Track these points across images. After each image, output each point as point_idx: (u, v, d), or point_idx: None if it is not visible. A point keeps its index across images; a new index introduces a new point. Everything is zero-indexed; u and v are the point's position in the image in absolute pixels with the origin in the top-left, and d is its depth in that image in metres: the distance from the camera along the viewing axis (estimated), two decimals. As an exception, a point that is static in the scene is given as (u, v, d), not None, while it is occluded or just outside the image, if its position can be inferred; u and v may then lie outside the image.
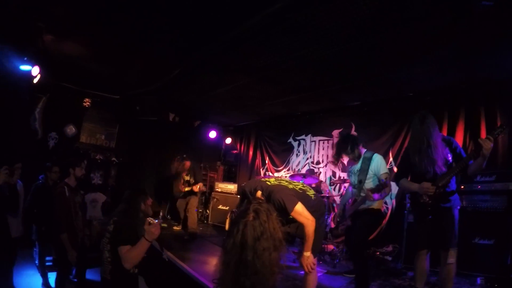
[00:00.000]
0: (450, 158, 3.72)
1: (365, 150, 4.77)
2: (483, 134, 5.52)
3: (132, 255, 2.89)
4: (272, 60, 5.38)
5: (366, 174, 4.57)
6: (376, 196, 4.29)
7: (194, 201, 7.58)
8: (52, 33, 5.07)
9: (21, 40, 5.07)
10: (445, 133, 5.98)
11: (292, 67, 5.62)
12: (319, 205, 3.69)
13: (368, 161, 4.60)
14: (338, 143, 4.73)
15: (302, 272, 3.54)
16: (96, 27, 4.85)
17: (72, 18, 4.64)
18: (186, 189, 7.70)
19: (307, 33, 4.44)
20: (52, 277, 4.63)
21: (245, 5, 3.88)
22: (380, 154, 6.78)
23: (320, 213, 3.64)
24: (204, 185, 8.87)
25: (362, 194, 4.49)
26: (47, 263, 5.08)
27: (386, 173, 4.45)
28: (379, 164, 4.53)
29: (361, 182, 4.60)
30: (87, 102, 7.85)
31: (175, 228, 8.18)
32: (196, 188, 7.59)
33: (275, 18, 4.02)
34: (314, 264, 3.35)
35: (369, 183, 4.49)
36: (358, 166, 4.67)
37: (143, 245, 2.88)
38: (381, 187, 4.16)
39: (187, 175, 7.80)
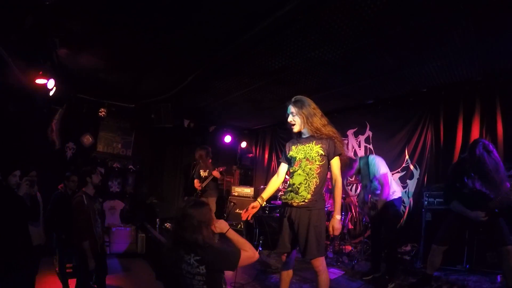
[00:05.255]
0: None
1: (358, 157, 5.34)
2: (499, 126, 5.49)
3: (247, 248, 2.64)
4: (285, 63, 5.43)
5: (369, 177, 5.06)
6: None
7: (211, 204, 7.57)
8: (67, 47, 5.21)
9: (36, 55, 5.18)
10: (460, 128, 5.96)
11: (305, 68, 5.63)
12: None
13: (366, 166, 5.08)
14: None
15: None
16: (110, 39, 4.96)
17: (86, 32, 4.75)
18: (204, 184, 7.70)
19: (318, 34, 4.48)
20: (72, 283, 4.72)
21: (256, 8, 3.95)
22: (396, 151, 6.91)
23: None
24: (221, 187, 8.84)
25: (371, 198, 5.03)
26: (67, 270, 5.18)
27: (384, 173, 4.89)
28: (376, 167, 4.99)
29: (366, 186, 5.12)
30: (102, 112, 7.97)
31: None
32: (217, 172, 7.59)
33: (285, 20, 4.08)
34: (339, 230, 3.41)
35: (374, 185, 4.98)
36: (361, 174, 5.24)
37: (235, 235, 2.72)
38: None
39: (204, 171, 7.80)
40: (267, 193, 3.78)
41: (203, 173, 7.77)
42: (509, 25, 4.07)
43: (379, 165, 4.98)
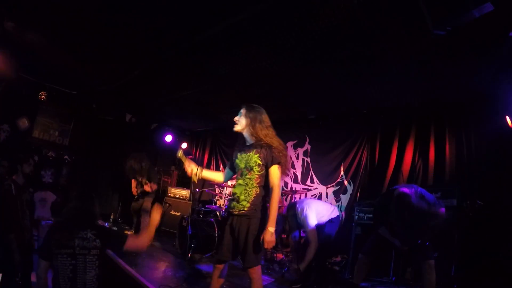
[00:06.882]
0: None
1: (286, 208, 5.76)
2: (432, 152, 5.95)
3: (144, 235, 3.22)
4: (233, 69, 5.53)
5: (296, 228, 5.66)
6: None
7: (147, 204, 7.41)
8: (14, 20, 4.85)
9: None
10: (395, 150, 6.38)
11: (252, 77, 5.77)
12: None
13: (294, 217, 5.56)
14: None
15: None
16: (60, 17, 4.67)
17: (35, 6, 4.45)
18: (139, 191, 7.55)
19: (267, 46, 4.62)
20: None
21: (210, 13, 3.99)
22: (332, 166, 7.23)
23: None
24: (158, 189, 8.64)
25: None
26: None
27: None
28: (305, 220, 5.38)
29: (295, 237, 5.71)
30: (42, 95, 7.53)
31: (126, 232, 7.91)
32: (148, 187, 7.42)
33: (236, 29, 4.21)
34: (273, 243, 3.34)
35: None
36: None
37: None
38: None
39: (141, 176, 7.55)
40: (206, 174, 3.90)
41: (140, 179, 7.54)
42: (447, 64, 4.50)
43: (308, 218, 5.26)
